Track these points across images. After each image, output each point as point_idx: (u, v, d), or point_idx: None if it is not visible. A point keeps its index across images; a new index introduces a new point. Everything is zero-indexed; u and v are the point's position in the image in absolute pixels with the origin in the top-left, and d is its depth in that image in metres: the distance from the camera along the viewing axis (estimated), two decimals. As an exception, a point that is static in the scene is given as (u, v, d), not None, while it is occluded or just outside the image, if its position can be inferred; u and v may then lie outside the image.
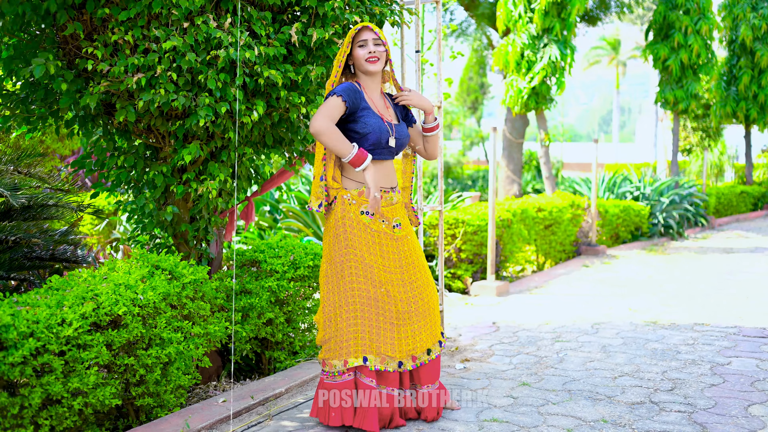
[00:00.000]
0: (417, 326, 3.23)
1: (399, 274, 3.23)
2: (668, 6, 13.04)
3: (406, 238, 3.29)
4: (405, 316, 3.20)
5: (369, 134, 3.17)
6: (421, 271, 3.30)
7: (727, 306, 6.00)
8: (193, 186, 3.54)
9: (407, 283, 3.24)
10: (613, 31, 40.85)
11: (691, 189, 12.10)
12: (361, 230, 3.19)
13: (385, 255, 3.22)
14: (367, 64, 3.21)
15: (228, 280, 3.91)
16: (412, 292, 3.24)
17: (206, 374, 3.87)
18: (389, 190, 3.27)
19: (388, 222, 3.26)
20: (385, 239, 3.23)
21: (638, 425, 3.26)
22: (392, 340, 3.17)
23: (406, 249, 3.28)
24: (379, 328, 3.16)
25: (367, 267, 3.16)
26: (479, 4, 14.93)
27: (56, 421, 2.72)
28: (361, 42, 3.21)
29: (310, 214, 8.16)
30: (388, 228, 3.25)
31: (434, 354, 3.30)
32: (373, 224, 3.21)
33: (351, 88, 3.15)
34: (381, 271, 3.19)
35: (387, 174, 3.28)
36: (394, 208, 3.29)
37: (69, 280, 3.09)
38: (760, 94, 14.88)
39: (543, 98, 10.52)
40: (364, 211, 3.20)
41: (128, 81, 3.16)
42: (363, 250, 3.17)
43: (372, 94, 3.28)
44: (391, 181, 3.30)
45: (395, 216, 3.29)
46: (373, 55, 3.20)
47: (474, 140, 26.40)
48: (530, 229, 7.75)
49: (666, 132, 21.22)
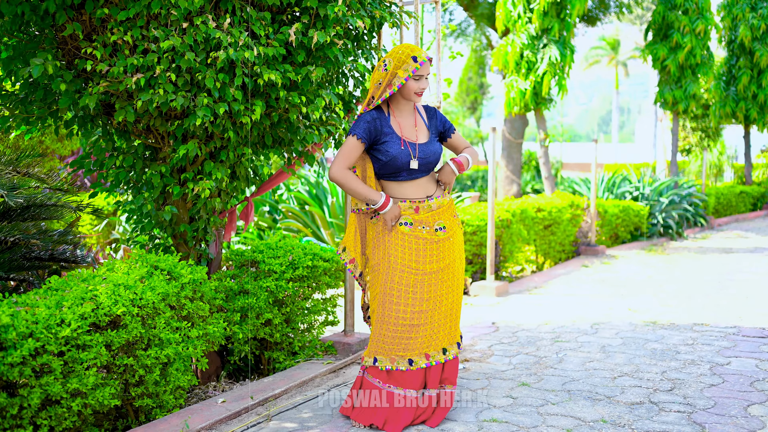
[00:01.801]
0: (437, 325, 3.30)
1: (434, 274, 3.31)
2: (667, 6, 13.04)
3: (448, 239, 3.37)
4: (428, 314, 3.28)
5: (389, 161, 3.28)
6: (455, 273, 3.40)
7: (726, 306, 6.00)
8: (190, 186, 3.54)
9: (440, 281, 3.32)
10: (612, 31, 40.90)
11: (690, 189, 12.10)
12: (402, 240, 3.29)
13: (420, 259, 3.29)
14: (414, 96, 3.28)
15: (227, 280, 3.91)
16: (440, 291, 3.32)
17: (205, 375, 3.87)
18: (424, 200, 3.34)
19: (430, 227, 3.33)
20: (426, 244, 3.31)
21: (638, 425, 3.26)
22: (407, 341, 3.26)
23: (446, 250, 3.35)
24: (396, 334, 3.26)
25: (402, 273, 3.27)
26: (478, 4, 14.95)
27: (55, 422, 2.72)
28: (418, 76, 3.23)
29: (309, 214, 8.16)
30: (430, 233, 3.33)
31: (451, 354, 3.36)
32: (411, 232, 3.31)
33: (370, 119, 3.26)
34: (411, 274, 3.27)
35: (421, 186, 3.36)
36: (434, 213, 3.36)
37: (68, 280, 3.09)
38: (760, 94, 14.89)
39: (543, 98, 10.53)
40: (403, 222, 3.31)
41: (127, 81, 3.16)
42: (402, 259, 3.28)
43: (401, 114, 3.36)
44: (425, 191, 3.37)
45: (437, 220, 3.36)
46: (421, 93, 3.29)
47: (473, 140, 26.42)
48: (530, 230, 7.75)
49: (665, 132, 21.24)
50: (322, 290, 4.20)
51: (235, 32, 3.22)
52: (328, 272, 4.17)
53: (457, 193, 9.77)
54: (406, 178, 3.33)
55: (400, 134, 3.30)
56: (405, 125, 3.34)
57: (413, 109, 3.40)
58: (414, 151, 3.29)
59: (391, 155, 3.25)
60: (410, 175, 3.33)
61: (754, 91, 14.98)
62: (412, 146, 3.30)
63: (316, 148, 4.06)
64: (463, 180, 19.81)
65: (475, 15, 15.18)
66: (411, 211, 3.32)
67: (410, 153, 3.28)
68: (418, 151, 3.30)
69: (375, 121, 3.27)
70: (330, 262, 4.16)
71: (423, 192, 3.36)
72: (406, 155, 3.27)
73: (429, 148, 3.34)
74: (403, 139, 3.29)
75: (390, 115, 3.32)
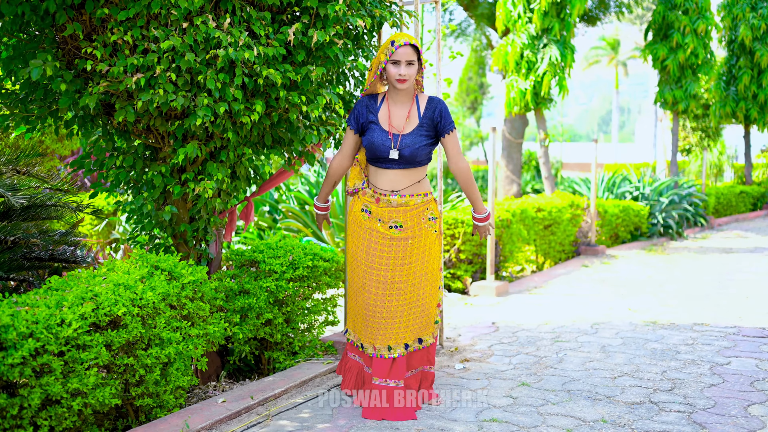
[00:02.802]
0: (384, 322, 3.39)
1: (383, 271, 3.38)
2: (667, 6, 13.04)
3: (405, 240, 3.39)
4: (375, 311, 3.40)
5: (369, 148, 3.39)
6: (416, 273, 3.41)
7: (726, 306, 6.00)
8: (191, 186, 3.54)
9: (388, 281, 3.38)
10: (612, 31, 40.88)
11: (690, 189, 12.10)
12: (358, 225, 3.48)
13: (370, 251, 3.39)
14: (396, 83, 3.34)
15: (227, 280, 3.91)
16: (389, 290, 3.37)
17: (205, 375, 3.87)
18: (387, 193, 3.40)
19: (384, 222, 3.41)
20: (379, 238, 3.39)
21: (638, 425, 3.26)
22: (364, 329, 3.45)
23: (402, 250, 3.39)
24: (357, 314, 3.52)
25: (357, 261, 3.47)
26: (478, 4, 14.94)
27: (55, 422, 2.72)
28: (395, 60, 3.31)
29: (309, 214, 8.16)
30: (383, 228, 3.40)
31: (413, 347, 3.45)
32: (367, 221, 3.43)
33: (359, 105, 3.47)
34: (362, 265, 3.43)
35: (394, 178, 3.41)
36: (393, 209, 3.40)
37: (68, 280, 3.09)
38: (760, 94, 14.89)
39: (543, 98, 10.52)
40: (362, 209, 3.45)
41: (127, 81, 3.16)
42: (356, 244, 3.46)
43: (395, 103, 3.42)
44: (394, 185, 3.40)
45: (392, 218, 3.40)
46: (402, 78, 3.31)
47: (473, 140, 26.42)
48: (530, 229, 7.75)
49: (665, 132, 21.24)
50: (323, 290, 4.20)
51: (235, 32, 3.22)
52: (328, 272, 4.17)
53: (456, 193, 9.77)
54: (388, 167, 3.38)
55: (387, 122, 3.36)
56: (396, 114, 3.38)
57: (411, 100, 3.41)
58: (396, 141, 3.30)
59: (370, 142, 3.36)
60: (392, 165, 3.36)
61: (755, 91, 14.97)
62: (395, 136, 3.32)
63: (316, 148, 4.06)
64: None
65: (475, 15, 15.18)
66: (372, 201, 3.43)
67: (391, 143, 3.30)
68: (399, 141, 3.31)
69: (363, 107, 3.43)
70: (330, 262, 4.16)
71: (391, 185, 3.39)
72: (386, 144, 3.32)
73: (411, 140, 3.34)
74: (389, 129, 3.33)
75: (383, 103, 3.40)
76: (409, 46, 3.31)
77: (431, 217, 3.46)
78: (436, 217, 3.51)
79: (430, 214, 3.46)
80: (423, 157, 3.40)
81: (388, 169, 3.38)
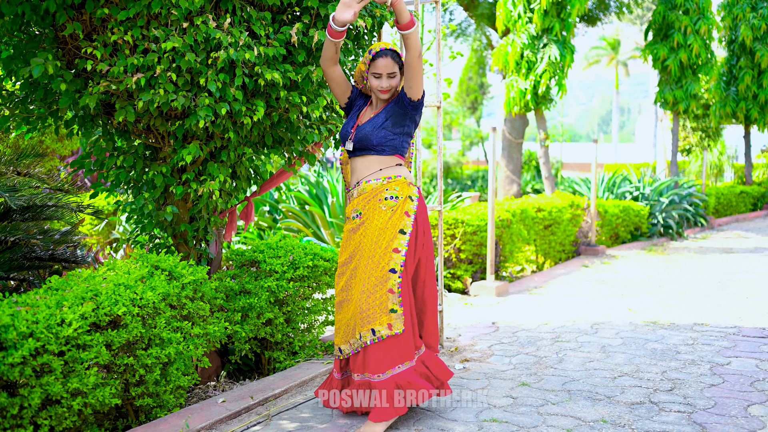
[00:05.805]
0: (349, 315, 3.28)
1: (346, 264, 3.35)
2: (668, 6, 13.03)
3: (362, 225, 3.32)
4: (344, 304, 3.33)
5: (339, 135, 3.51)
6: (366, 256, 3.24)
7: (726, 306, 6.00)
8: (193, 186, 3.54)
9: (351, 278, 3.31)
10: (612, 31, 40.91)
11: (690, 189, 12.10)
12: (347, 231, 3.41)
13: (343, 251, 3.39)
14: (379, 93, 3.35)
15: (227, 280, 3.91)
16: (352, 282, 3.29)
17: (206, 374, 3.87)
18: (354, 186, 3.40)
19: (350, 216, 3.41)
20: (349, 234, 3.38)
21: (638, 425, 3.26)
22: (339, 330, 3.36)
23: (359, 236, 3.33)
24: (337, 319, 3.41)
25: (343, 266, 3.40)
26: (479, 4, 14.94)
27: (56, 422, 2.72)
28: (376, 73, 3.30)
29: (309, 214, 8.16)
30: (351, 223, 3.40)
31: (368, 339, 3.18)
32: (351, 224, 3.40)
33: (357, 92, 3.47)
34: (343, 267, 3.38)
35: (357, 170, 3.40)
36: (355, 200, 3.39)
37: (68, 280, 3.09)
38: (760, 94, 14.89)
39: (543, 98, 10.53)
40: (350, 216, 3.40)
41: (128, 81, 3.16)
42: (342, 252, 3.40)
43: (374, 106, 3.44)
44: (357, 176, 3.40)
45: (354, 207, 3.39)
46: (384, 90, 3.32)
47: (473, 140, 26.43)
48: (530, 229, 7.75)
49: (665, 132, 21.25)
50: (323, 290, 4.21)
51: (236, 32, 3.22)
52: (328, 272, 4.17)
53: (456, 193, 9.77)
54: (352, 157, 3.41)
55: (357, 119, 3.41)
56: (367, 114, 3.42)
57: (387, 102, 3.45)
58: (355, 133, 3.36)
59: (341, 129, 3.45)
60: (354, 154, 3.39)
61: (755, 91, 14.98)
62: (358, 128, 3.36)
63: (316, 148, 4.06)
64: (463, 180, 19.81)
65: (475, 15, 15.18)
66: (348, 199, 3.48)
67: (352, 135, 3.36)
68: (355, 132, 3.35)
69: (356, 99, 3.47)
70: (330, 261, 4.16)
71: (357, 176, 3.40)
72: (346, 136, 3.39)
73: (365, 129, 3.31)
74: (357, 121, 3.40)
75: (367, 104, 3.46)
76: (389, 56, 3.25)
77: (389, 197, 3.28)
78: (398, 196, 3.28)
79: (387, 194, 3.28)
80: (381, 139, 3.27)
81: (353, 158, 3.40)
